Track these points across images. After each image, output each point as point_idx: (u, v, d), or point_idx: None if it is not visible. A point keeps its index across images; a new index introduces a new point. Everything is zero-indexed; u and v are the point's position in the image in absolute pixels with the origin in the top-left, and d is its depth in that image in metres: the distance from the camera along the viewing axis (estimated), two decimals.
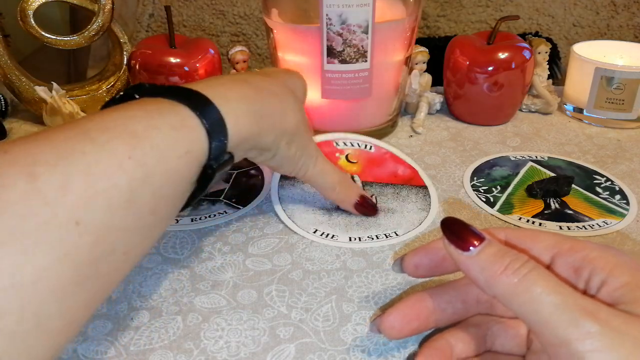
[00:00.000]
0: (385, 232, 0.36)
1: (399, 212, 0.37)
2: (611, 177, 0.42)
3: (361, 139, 0.42)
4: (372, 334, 0.28)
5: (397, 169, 0.41)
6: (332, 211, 0.37)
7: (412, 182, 0.40)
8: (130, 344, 0.27)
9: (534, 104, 0.54)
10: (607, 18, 0.67)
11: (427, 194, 0.39)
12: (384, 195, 0.39)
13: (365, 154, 0.42)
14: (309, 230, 0.35)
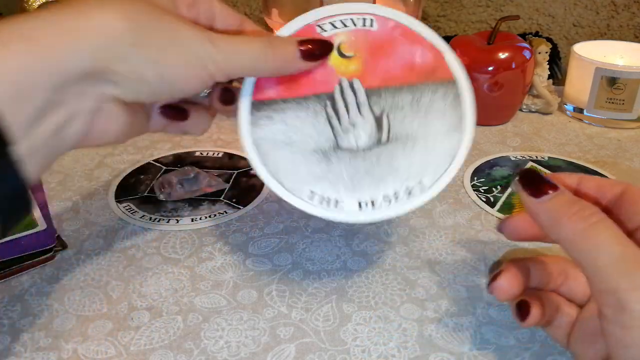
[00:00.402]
0: (407, 182, 0.26)
1: (421, 140, 0.27)
2: (611, 177, 0.42)
3: (356, 9, 0.28)
4: (373, 334, 0.28)
5: (413, 55, 0.28)
6: (330, 153, 0.27)
7: (435, 75, 0.28)
8: (131, 343, 0.27)
9: (534, 104, 0.54)
10: (608, 18, 0.67)
11: (457, 94, 0.27)
12: (398, 110, 0.27)
13: (365, 36, 0.28)
14: (302, 195, 0.26)
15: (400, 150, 0.27)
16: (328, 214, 0.26)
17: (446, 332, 0.28)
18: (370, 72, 0.28)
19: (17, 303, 0.30)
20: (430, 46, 0.28)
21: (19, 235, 0.34)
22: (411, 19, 0.28)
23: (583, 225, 0.21)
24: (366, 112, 0.28)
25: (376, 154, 0.27)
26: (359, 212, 0.26)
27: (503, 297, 0.25)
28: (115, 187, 0.42)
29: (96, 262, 0.33)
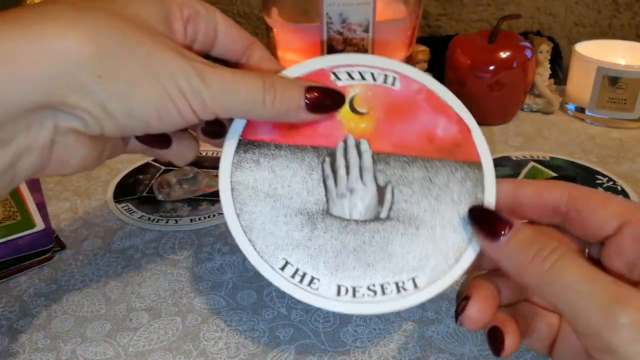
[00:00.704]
0: (398, 277, 0.22)
1: (426, 228, 0.23)
2: (613, 177, 0.42)
3: (379, 63, 0.25)
4: (373, 335, 0.28)
5: (435, 126, 0.24)
6: (317, 218, 0.23)
7: (457, 153, 0.24)
8: (129, 345, 0.27)
9: (536, 103, 0.54)
10: (609, 17, 0.66)
11: (480, 179, 0.23)
12: (406, 185, 0.23)
13: (384, 94, 0.24)
14: (274, 263, 0.22)
15: (400, 233, 0.23)
16: (299, 292, 0.22)
17: (447, 333, 0.28)
18: (382, 134, 0.24)
19: (16, 304, 0.30)
20: (456, 118, 0.25)
21: (17, 236, 0.34)
22: (439, 85, 0.25)
23: (545, 268, 0.20)
24: (369, 179, 0.24)
25: (370, 232, 0.23)
26: (336, 299, 0.21)
27: (474, 328, 0.22)
28: (114, 187, 0.41)
29: (95, 263, 0.33)
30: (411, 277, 0.22)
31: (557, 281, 0.19)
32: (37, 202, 0.38)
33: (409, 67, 0.25)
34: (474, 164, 0.24)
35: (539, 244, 0.20)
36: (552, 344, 0.23)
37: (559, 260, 0.20)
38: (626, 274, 0.22)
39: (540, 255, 0.20)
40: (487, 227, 0.21)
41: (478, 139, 0.24)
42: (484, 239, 0.21)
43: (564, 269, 0.19)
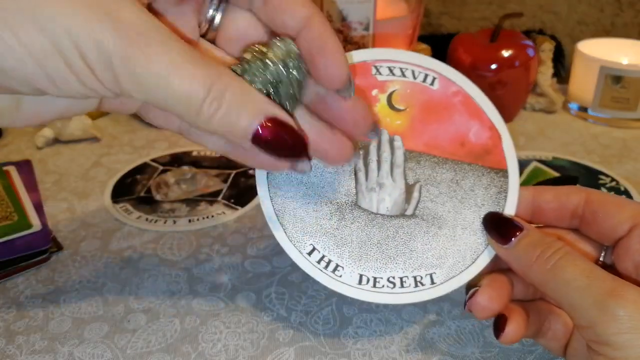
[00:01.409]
0: (417, 272, 0.23)
1: (449, 227, 0.24)
2: (616, 177, 0.42)
3: (421, 62, 0.25)
4: (374, 337, 0.27)
5: (468, 130, 0.25)
6: (346, 209, 0.24)
7: (485, 159, 0.25)
8: (127, 346, 0.27)
9: (538, 102, 0.53)
10: (612, 16, 0.66)
11: (504, 189, 0.24)
12: (434, 184, 0.24)
13: (422, 92, 0.25)
14: (302, 249, 0.24)
15: (423, 231, 0.24)
16: (324, 278, 0.23)
17: (448, 335, 0.27)
18: (416, 133, 0.25)
19: (12, 305, 0.30)
20: (489, 125, 0.25)
21: (14, 237, 0.34)
22: (477, 89, 0.25)
23: (548, 266, 0.21)
24: (399, 176, 0.24)
25: (395, 227, 0.24)
26: (358, 287, 0.23)
27: (482, 315, 0.23)
28: (112, 187, 0.41)
29: (92, 264, 0.33)
30: (429, 273, 0.24)
31: (558, 278, 0.21)
32: (34, 202, 0.38)
33: (450, 69, 0.25)
34: (501, 171, 0.25)
35: (544, 245, 0.22)
36: (567, 343, 0.24)
37: (561, 259, 0.21)
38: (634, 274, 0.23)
39: (544, 255, 0.22)
40: (499, 232, 0.23)
41: (507, 147, 0.25)
42: (496, 242, 0.23)
43: (565, 267, 0.21)
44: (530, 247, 0.22)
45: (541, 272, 0.21)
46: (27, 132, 0.50)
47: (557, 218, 0.25)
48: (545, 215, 0.25)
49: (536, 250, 0.22)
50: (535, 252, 0.22)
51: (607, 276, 0.20)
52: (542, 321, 0.24)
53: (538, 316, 0.24)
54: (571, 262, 0.21)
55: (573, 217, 0.24)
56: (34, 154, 0.46)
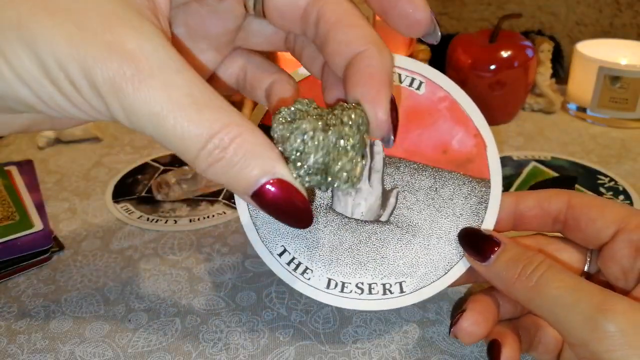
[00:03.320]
0: (387, 279, 0.23)
1: (423, 236, 0.23)
2: (615, 177, 0.42)
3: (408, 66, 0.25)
4: (373, 336, 0.27)
5: (452, 136, 0.24)
6: (320, 212, 0.24)
7: (468, 167, 0.24)
8: (128, 346, 0.27)
9: (537, 103, 0.53)
10: (611, 16, 0.66)
11: (485, 199, 0.24)
12: (412, 192, 0.23)
13: (409, 97, 0.24)
14: (273, 250, 0.23)
15: (396, 238, 0.23)
16: (291, 279, 0.22)
17: (448, 335, 0.28)
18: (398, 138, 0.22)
19: (14, 304, 0.30)
20: (474, 132, 0.24)
21: (16, 236, 0.34)
22: (464, 95, 0.25)
23: (531, 283, 0.20)
24: (376, 181, 0.24)
25: (368, 233, 0.23)
26: (325, 291, 0.22)
27: (468, 340, 0.23)
28: (113, 187, 0.41)
29: (93, 263, 0.33)
30: (399, 282, 0.23)
31: (543, 295, 0.20)
32: (36, 202, 0.38)
33: (438, 74, 0.25)
34: (483, 181, 0.24)
35: (525, 260, 0.21)
36: (559, 354, 0.23)
37: (543, 275, 0.20)
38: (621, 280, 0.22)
39: (525, 271, 0.21)
40: (476, 248, 0.22)
41: (492, 156, 0.24)
42: (474, 260, 0.22)
43: (549, 283, 0.20)
44: (510, 263, 0.21)
45: (525, 289, 0.20)
46: (29, 133, 0.50)
47: (540, 224, 0.24)
48: (527, 222, 0.24)
49: (517, 266, 0.21)
50: (517, 269, 0.21)
51: (593, 289, 0.19)
52: (532, 336, 0.24)
53: (528, 332, 0.23)
54: (555, 277, 0.20)
55: (555, 222, 0.24)
56: (35, 154, 0.46)
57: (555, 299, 0.20)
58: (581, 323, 0.19)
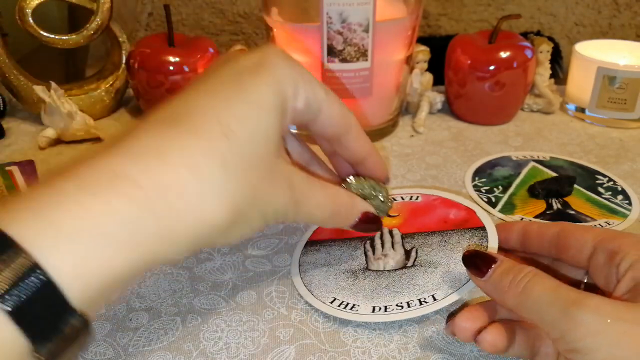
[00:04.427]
0: (421, 296, 0.28)
1: (443, 266, 0.29)
2: (613, 177, 0.42)
3: (407, 192, 0.36)
4: (373, 335, 0.28)
5: (448, 214, 0.33)
6: (359, 273, 0.30)
7: (466, 224, 0.32)
8: (129, 345, 0.27)
9: (536, 103, 0.54)
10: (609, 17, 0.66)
11: (485, 237, 0.31)
12: (427, 246, 0.31)
13: (410, 205, 0.35)
14: (325, 300, 0.29)
15: (422, 272, 0.30)
16: (342, 314, 0.28)
17: (447, 334, 0.28)
18: (408, 224, 0.33)
19: None
20: (464, 208, 0.34)
21: None
22: (453, 195, 0.35)
23: (519, 289, 0.23)
24: (398, 246, 0.32)
25: (399, 274, 0.30)
26: (371, 314, 0.28)
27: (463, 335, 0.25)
28: None
29: None
30: (431, 294, 0.28)
31: (529, 298, 0.22)
32: None
33: (430, 190, 0.36)
34: (479, 228, 0.32)
35: (515, 271, 0.24)
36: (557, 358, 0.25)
37: (530, 281, 0.23)
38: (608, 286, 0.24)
39: (515, 279, 0.23)
40: (476, 266, 0.25)
41: (481, 215, 0.33)
42: (475, 277, 0.25)
43: (533, 286, 0.23)
44: (503, 274, 0.24)
45: (514, 295, 0.23)
46: (30, 133, 0.50)
47: (540, 247, 0.28)
48: (531, 245, 0.28)
49: (509, 276, 0.24)
50: (508, 278, 0.24)
51: (571, 290, 0.22)
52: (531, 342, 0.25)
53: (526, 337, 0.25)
54: (539, 281, 0.23)
55: (550, 246, 0.27)
56: (36, 154, 0.46)
57: (538, 298, 0.22)
58: (558, 316, 0.21)
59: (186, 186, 0.19)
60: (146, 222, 0.18)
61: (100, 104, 0.53)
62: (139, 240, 0.18)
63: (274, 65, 0.23)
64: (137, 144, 0.19)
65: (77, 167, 0.18)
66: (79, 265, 0.16)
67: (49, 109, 0.47)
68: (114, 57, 0.55)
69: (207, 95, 0.21)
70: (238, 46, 0.52)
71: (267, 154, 0.22)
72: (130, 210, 0.17)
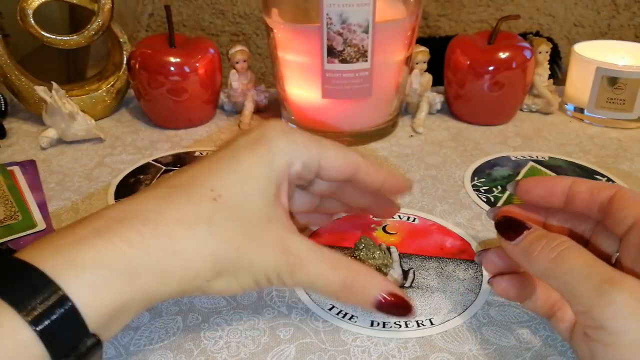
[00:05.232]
0: (419, 318, 0.29)
1: (440, 292, 0.31)
2: (612, 177, 0.42)
3: (404, 212, 0.38)
4: (373, 336, 0.28)
5: (444, 242, 0.35)
6: None
7: (462, 256, 0.33)
8: (130, 344, 0.27)
9: (535, 103, 0.54)
10: (608, 18, 0.66)
11: (479, 271, 0.32)
12: (424, 270, 0.32)
13: (408, 225, 0.36)
14: (324, 307, 0.29)
15: (420, 295, 0.31)
16: (341, 323, 0.29)
17: (446, 333, 0.28)
18: (406, 245, 0.35)
19: None
20: (459, 239, 0.35)
21: (18, 236, 0.34)
22: (449, 224, 0.36)
23: (552, 255, 0.22)
24: (397, 266, 0.33)
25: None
26: (370, 328, 0.28)
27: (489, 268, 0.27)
28: (115, 187, 0.42)
29: None
30: (428, 318, 0.29)
31: (561, 266, 0.22)
32: (38, 202, 0.39)
33: (426, 214, 0.38)
34: (474, 262, 0.33)
35: (548, 238, 0.23)
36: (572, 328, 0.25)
37: (565, 249, 0.22)
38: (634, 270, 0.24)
39: (549, 245, 0.23)
40: (509, 229, 0.25)
41: (476, 247, 0.34)
42: (505, 240, 0.25)
43: (569, 256, 0.22)
44: (535, 239, 0.24)
45: (545, 260, 0.23)
46: (31, 133, 0.50)
47: (586, 208, 0.26)
48: (577, 204, 0.27)
49: (541, 242, 0.23)
50: (540, 244, 0.23)
51: (608, 267, 0.21)
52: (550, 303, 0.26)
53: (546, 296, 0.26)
54: (574, 252, 0.22)
55: (600, 210, 0.26)
56: (38, 154, 0.46)
57: (571, 269, 0.21)
58: (590, 290, 0.20)
59: (176, 236, 0.22)
60: (144, 261, 0.22)
61: (101, 104, 0.53)
62: (139, 275, 0.22)
63: (270, 140, 0.26)
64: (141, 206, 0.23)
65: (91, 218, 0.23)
66: (94, 296, 0.20)
67: (50, 110, 0.47)
68: (115, 57, 0.55)
69: (205, 169, 0.25)
70: (238, 46, 0.52)
71: (254, 217, 0.24)
72: (132, 251, 0.21)
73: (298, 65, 0.45)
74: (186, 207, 0.23)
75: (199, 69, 0.48)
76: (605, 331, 0.20)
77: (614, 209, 0.25)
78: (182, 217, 0.23)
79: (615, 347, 0.20)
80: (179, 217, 0.23)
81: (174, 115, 0.50)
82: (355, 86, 0.44)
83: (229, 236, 0.24)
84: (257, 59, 0.93)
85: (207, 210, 0.23)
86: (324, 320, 0.29)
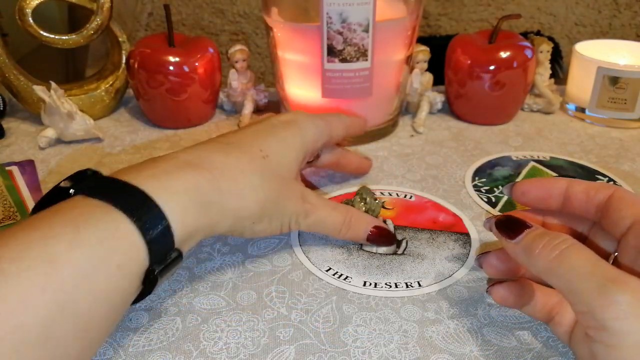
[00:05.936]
0: (408, 280, 0.31)
1: (429, 259, 0.33)
2: (613, 177, 0.42)
3: (402, 190, 0.40)
4: (373, 335, 0.28)
5: (438, 216, 0.37)
6: (353, 251, 0.34)
7: (452, 228, 0.36)
8: (129, 345, 0.27)
9: (536, 103, 0.54)
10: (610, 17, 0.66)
11: (468, 242, 0.35)
12: (417, 240, 0.35)
13: (404, 202, 0.39)
14: (321, 268, 0.32)
15: (410, 261, 0.33)
16: (336, 282, 0.31)
17: (447, 334, 0.28)
18: (401, 218, 0.37)
19: None
20: (453, 214, 0.38)
21: None
22: (444, 202, 0.39)
23: (554, 254, 0.22)
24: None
25: (390, 259, 0.33)
26: (362, 287, 0.31)
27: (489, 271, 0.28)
28: None
29: None
30: (417, 280, 0.31)
31: (563, 265, 0.22)
32: None
33: (424, 193, 0.40)
34: (464, 234, 0.36)
35: (550, 236, 0.23)
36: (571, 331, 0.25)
37: (567, 248, 0.22)
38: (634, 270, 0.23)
39: (550, 243, 0.22)
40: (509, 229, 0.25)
41: (467, 222, 0.37)
42: (505, 239, 0.25)
43: (571, 255, 0.22)
44: (537, 237, 0.23)
45: (546, 259, 0.22)
46: (30, 133, 0.50)
47: (584, 210, 0.26)
48: (574, 206, 0.27)
49: (542, 240, 0.23)
50: (542, 242, 0.23)
51: (611, 266, 0.21)
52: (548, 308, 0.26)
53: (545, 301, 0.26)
54: (577, 251, 0.22)
55: (597, 211, 0.26)
56: (36, 154, 0.46)
57: (573, 268, 0.21)
58: (592, 290, 0.20)
59: (237, 180, 0.28)
60: (214, 197, 0.26)
61: (100, 104, 0.53)
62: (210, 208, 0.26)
63: (301, 122, 0.33)
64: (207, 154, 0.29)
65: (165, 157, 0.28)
66: (182, 218, 0.25)
67: (49, 109, 0.47)
68: (114, 57, 0.55)
69: (248, 135, 0.31)
70: (238, 46, 0.52)
71: (288, 174, 0.31)
72: (209, 188, 0.26)
73: (298, 64, 0.45)
74: (244, 160, 0.29)
75: (198, 68, 0.48)
76: (607, 332, 0.20)
77: (612, 210, 0.25)
78: (242, 167, 0.28)
79: (618, 348, 0.19)
80: (240, 166, 0.28)
81: (173, 115, 0.50)
82: (356, 85, 0.44)
83: (274, 187, 0.29)
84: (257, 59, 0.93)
85: (259, 165, 0.29)
86: (325, 316, 0.28)
